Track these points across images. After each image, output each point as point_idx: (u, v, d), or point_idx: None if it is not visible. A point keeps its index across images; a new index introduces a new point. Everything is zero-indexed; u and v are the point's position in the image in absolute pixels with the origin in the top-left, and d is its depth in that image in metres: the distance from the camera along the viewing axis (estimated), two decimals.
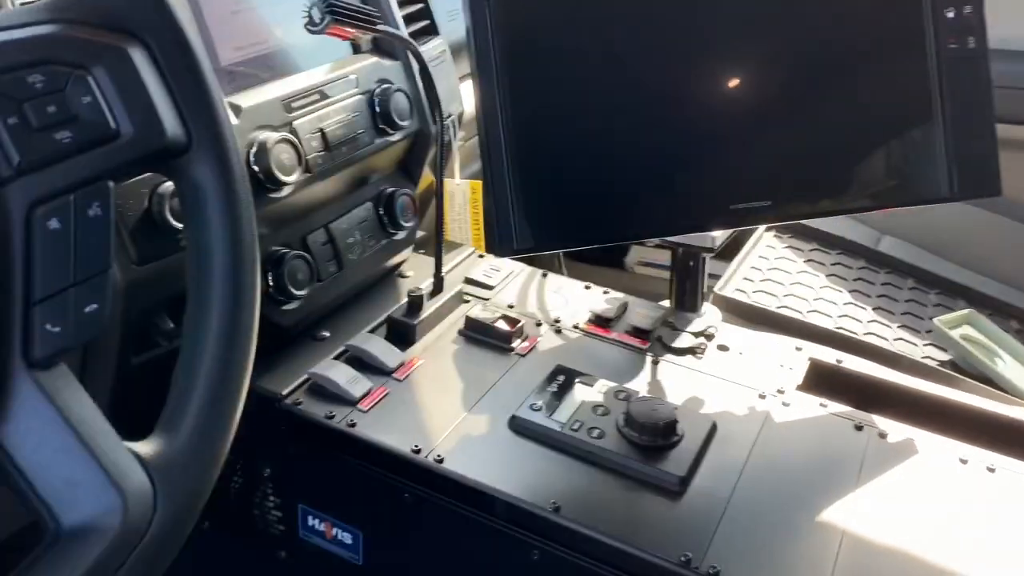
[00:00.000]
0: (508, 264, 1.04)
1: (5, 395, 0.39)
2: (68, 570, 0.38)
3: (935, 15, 0.81)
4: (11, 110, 0.41)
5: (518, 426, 0.77)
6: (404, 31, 0.97)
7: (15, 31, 0.42)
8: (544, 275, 1.02)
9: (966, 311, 1.11)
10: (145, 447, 0.44)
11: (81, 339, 0.42)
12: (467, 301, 0.96)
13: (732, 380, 0.85)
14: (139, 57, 0.45)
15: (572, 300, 0.98)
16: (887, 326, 1.11)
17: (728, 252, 1.22)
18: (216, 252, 0.48)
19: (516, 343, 0.88)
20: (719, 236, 0.93)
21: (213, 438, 0.46)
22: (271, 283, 0.82)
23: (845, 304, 1.14)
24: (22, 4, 0.63)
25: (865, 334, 1.08)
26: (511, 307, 0.96)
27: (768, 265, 1.19)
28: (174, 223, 0.69)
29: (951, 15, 0.81)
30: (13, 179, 0.40)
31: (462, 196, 1.11)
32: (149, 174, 0.68)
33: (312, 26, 0.72)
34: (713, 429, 0.77)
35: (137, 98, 0.45)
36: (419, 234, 1.05)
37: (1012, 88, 1.43)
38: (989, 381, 1.02)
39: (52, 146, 0.42)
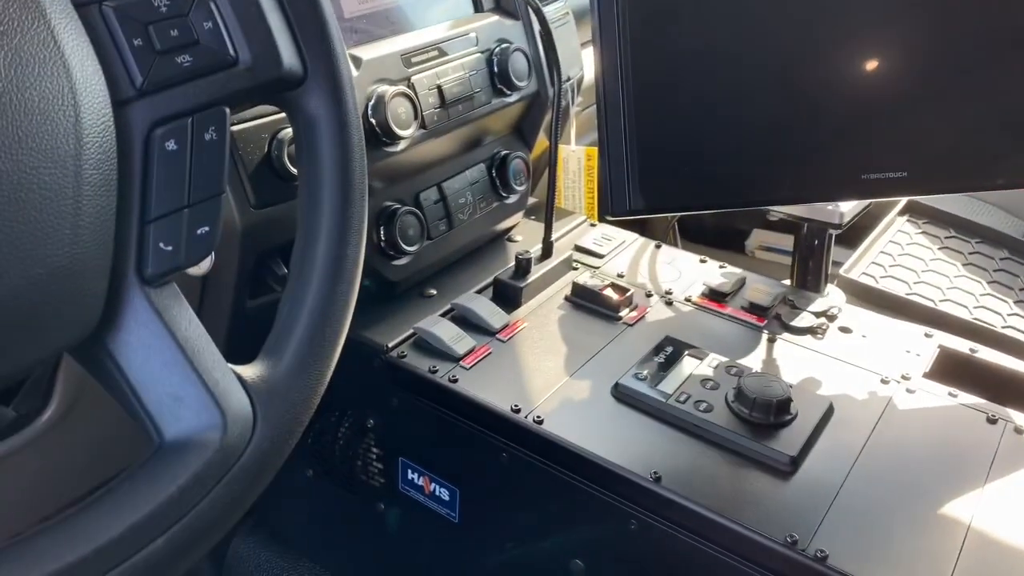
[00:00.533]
0: (620, 234, 1.01)
1: (118, 307, 0.40)
2: (168, 479, 0.39)
3: None
4: (136, 32, 0.42)
5: (621, 394, 0.75)
6: None
7: None
8: (658, 246, 1.00)
9: None
10: (248, 370, 0.44)
11: (192, 260, 0.43)
12: (576, 268, 0.95)
13: (853, 363, 0.80)
14: None
15: (686, 273, 0.94)
16: None
17: (856, 237, 1.16)
18: (326, 186, 0.48)
19: (624, 312, 0.86)
20: (848, 211, 0.88)
21: (313, 368, 0.46)
22: (382, 237, 0.82)
23: (983, 295, 1.06)
24: None
25: (1004, 327, 1.00)
26: (621, 276, 0.93)
27: (899, 251, 1.12)
28: (292, 169, 0.71)
29: None
30: (136, 99, 0.41)
31: (576, 162, 1.09)
32: (271, 117, 0.70)
33: None
34: (830, 411, 0.73)
35: (256, 27, 0.45)
36: (531, 200, 1.04)
37: None
38: None
39: (173, 69, 0.43)
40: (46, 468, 0.69)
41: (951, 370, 0.81)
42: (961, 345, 0.83)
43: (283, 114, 0.51)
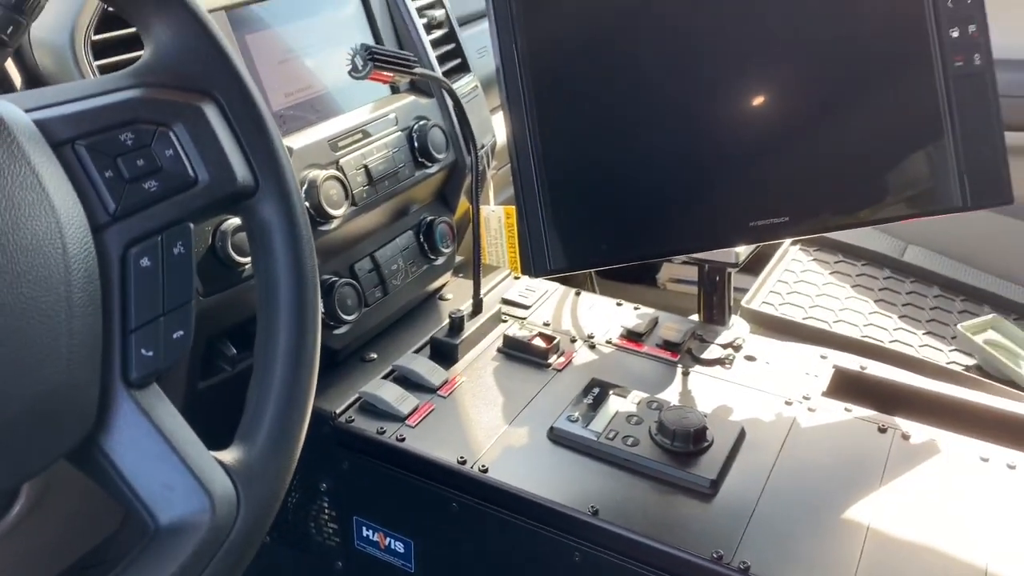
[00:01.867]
0: (543, 284, 1.09)
1: (108, 411, 0.45)
2: (167, 562, 0.44)
3: (940, 35, 0.85)
4: (107, 165, 0.47)
5: (556, 436, 0.82)
6: (438, 70, 1.03)
7: (107, 96, 0.49)
8: (577, 294, 1.08)
9: (990, 316, 1.14)
10: (228, 455, 0.50)
11: (170, 361, 0.48)
12: (505, 321, 1.02)
13: (759, 388, 0.89)
14: (212, 112, 0.52)
15: (605, 317, 1.02)
16: (913, 333, 1.14)
17: (756, 266, 1.26)
18: (282, 282, 0.54)
19: (552, 359, 0.94)
20: (743, 251, 0.98)
21: (285, 447, 0.52)
22: (322, 309, 0.88)
23: (871, 313, 1.17)
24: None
25: (891, 342, 1.11)
26: (547, 325, 1.01)
27: (795, 278, 1.23)
28: (236, 257, 0.76)
29: (955, 34, 0.86)
30: (111, 224, 0.47)
31: (497, 221, 1.17)
32: None
33: (355, 72, 0.78)
34: (742, 435, 0.82)
35: (212, 149, 0.51)
36: (458, 259, 1.11)
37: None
38: (1014, 384, 1.05)
39: (142, 194, 0.48)
40: (19, 556, 0.72)
41: (846, 387, 0.90)
42: (853, 363, 0.93)
43: None
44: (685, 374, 0.92)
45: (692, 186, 0.83)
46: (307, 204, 0.82)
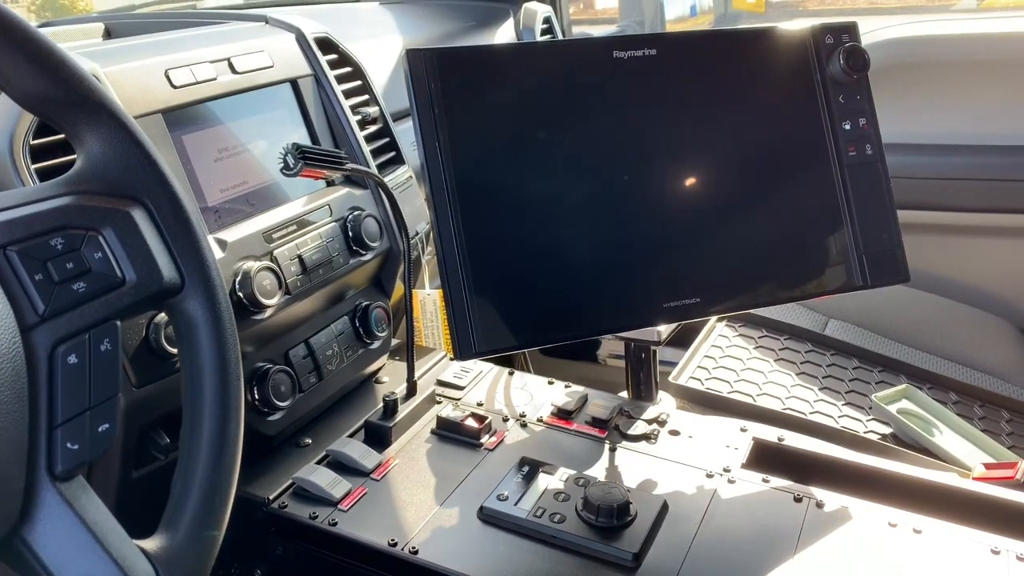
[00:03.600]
0: (477, 365, 1.12)
1: (33, 504, 0.47)
2: None
3: (834, 127, 0.93)
4: (37, 268, 0.50)
5: (486, 516, 0.84)
6: (372, 164, 1.08)
7: (38, 204, 0.52)
8: (511, 373, 1.11)
9: (903, 386, 1.19)
10: (150, 543, 0.51)
11: (95, 454, 0.51)
12: (439, 402, 1.04)
13: (682, 462, 0.93)
14: (140, 216, 0.55)
15: (536, 395, 1.06)
16: (833, 404, 1.19)
17: (685, 340, 1.31)
18: (207, 374, 0.56)
19: (484, 438, 0.96)
20: (664, 330, 1.03)
21: (207, 535, 0.54)
22: (256, 396, 0.90)
23: (793, 386, 1.22)
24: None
25: (812, 413, 1.16)
26: (480, 405, 1.04)
27: (721, 353, 1.28)
28: (169, 349, 0.78)
29: (848, 127, 0.94)
30: (39, 324, 0.49)
31: (432, 305, 1.21)
32: None
33: (287, 171, 0.82)
34: (664, 508, 0.85)
35: (139, 251, 0.54)
36: (394, 342, 1.14)
37: (936, 178, 1.56)
38: (927, 451, 1.10)
39: (71, 295, 0.51)
40: None
41: (764, 458, 0.95)
42: (771, 434, 0.97)
43: None
44: (612, 450, 0.95)
45: (610, 271, 0.88)
46: (240, 295, 0.86)
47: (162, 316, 0.78)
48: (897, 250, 0.94)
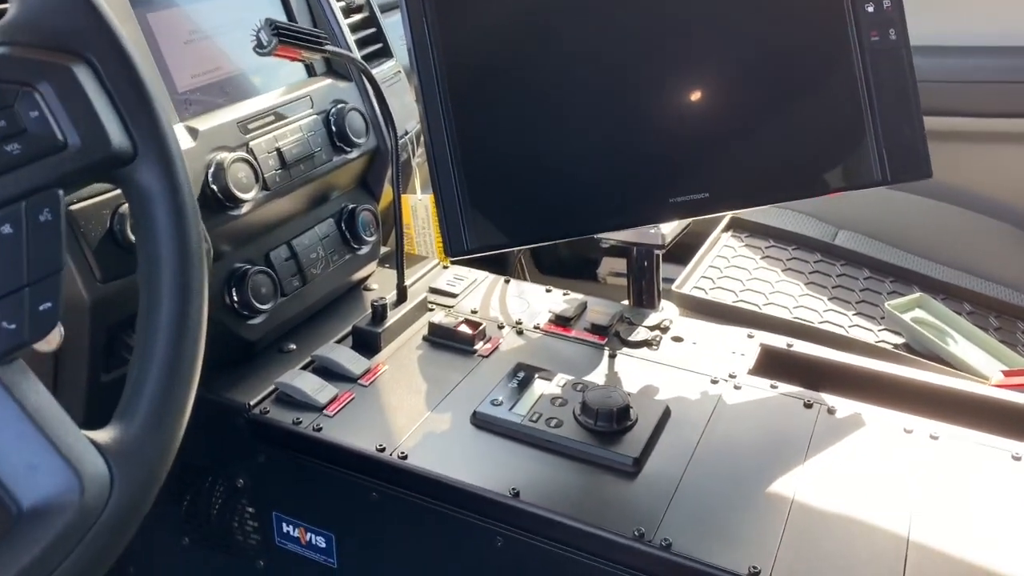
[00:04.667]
0: (472, 273, 1.07)
1: None
2: (28, 546, 0.41)
3: (855, 10, 0.86)
4: None
5: (479, 420, 0.80)
6: (356, 53, 1.01)
7: None
8: (507, 281, 1.06)
9: (917, 295, 1.14)
10: (102, 434, 0.47)
11: (36, 336, 0.45)
12: (431, 309, 0.99)
13: (686, 368, 0.88)
14: (83, 73, 0.49)
15: (533, 303, 1.01)
16: (843, 314, 1.14)
17: (688, 254, 1.26)
18: (164, 251, 0.51)
19: (478, 345, 0.91)
20: (668, 233, 0.97)
21: (166, 425, 0.49)
22: (235, 299, 0.85)
23: (801, 296, 1.17)
24: None
25: (821, 322, 1.11)
26: (474, 312, 0.99)
27: (726, 264, 1.22)
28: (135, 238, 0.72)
29: (871, 9, 0.86)
30: None
31: (424, 210, 1.15)
32: (110, 194, 0.72)
33: (260, 49, 0.76)
34: (666, 414, 0.80)
35: (82, 111, 0.48)
36: (384, 249, 1.09)
37: (960, 82, 1.49)
38: (941, 360, 1.05)
39: (3, 158, 0.45)
40: None
41: (772, 365, 0.90)
42: (779, 341, 0.93)
43: None
44: (612, 356, 0.90)
45: (611, 164, 0.82)
46: (214, 187, 0.80)
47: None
48: (919, 144, 0.87)
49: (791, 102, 0.86)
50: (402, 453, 0.76)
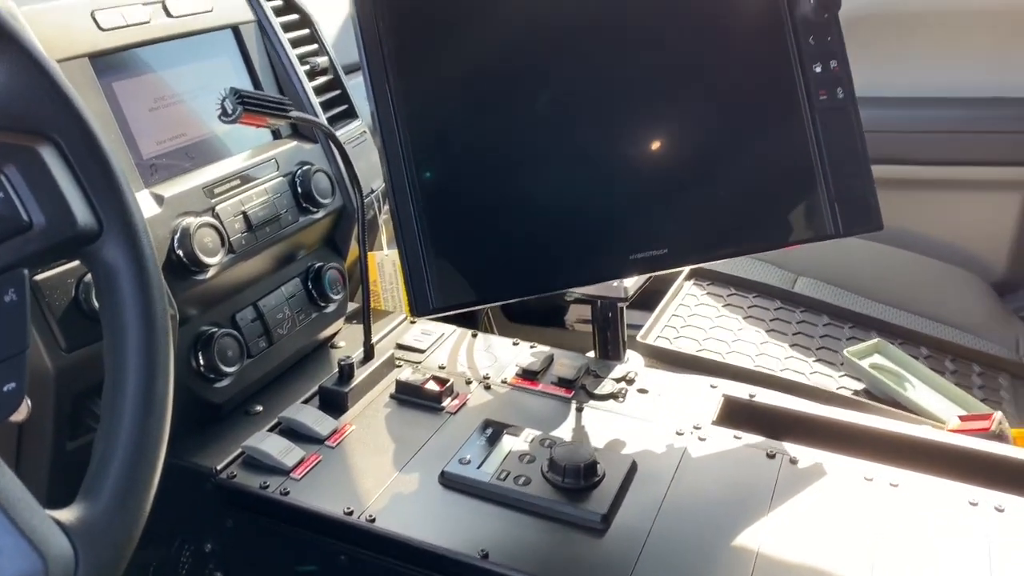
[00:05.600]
0: (439, 328, 1.08)
1: None
2: None
3: (804, 70, 0.89)
4: None
5: (448, 480, 0.80)
6: (322, 116, 1.03)
7: None
8: (474, 335, 1.07)
9: (874, 341, 1.17)
10: (66, 514, 0.46)
11: (2, 416, 0.45)
12: (399, 366, 1.00)
13: (651, 420, 0.89)
14: (48, 153, 0.50)
15: (501, 356, 1.02)
16: (804, 361, 1.17)
17: (652, 302, 1.28)
18: (130, 327, 0.51)
19: (446, 402, 0.92)
20: (631, 286, 0.99)
21: (132, 503, 0.49)
22: (201, 362, 0.85)
23: (763, 343, 1.19)
24: None
25: (782, 370, 1.13)
26: (442, 368, 0.99)
27: (689, 312, 1.24)
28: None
29: (819, 69, 0.90)
30: None
31: (391, 266, 1.16)
32: (75, 264, 0.72)
33: (225, 117, 0.77)
34: (633, 468, 0.81)
35: (48, 192, 0.49)
36: (351, 306, 1.09)
37: (908, 132, 1.54)
38: (900, 405, 1.07)
39: None
40: None
41: (735, 415, 0.91)
42: (742, 391, 0.94)
43: None
44: (579, 410, 0.91)
45: (573, 222, 0.84)
46: (180, 253, 0.80)
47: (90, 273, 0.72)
48: (870, 197, 0.90)
49: (745, 159, 0.88)
50: (370, 516, 0.76)
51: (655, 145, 0.86)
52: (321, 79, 1.06)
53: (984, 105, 1.53)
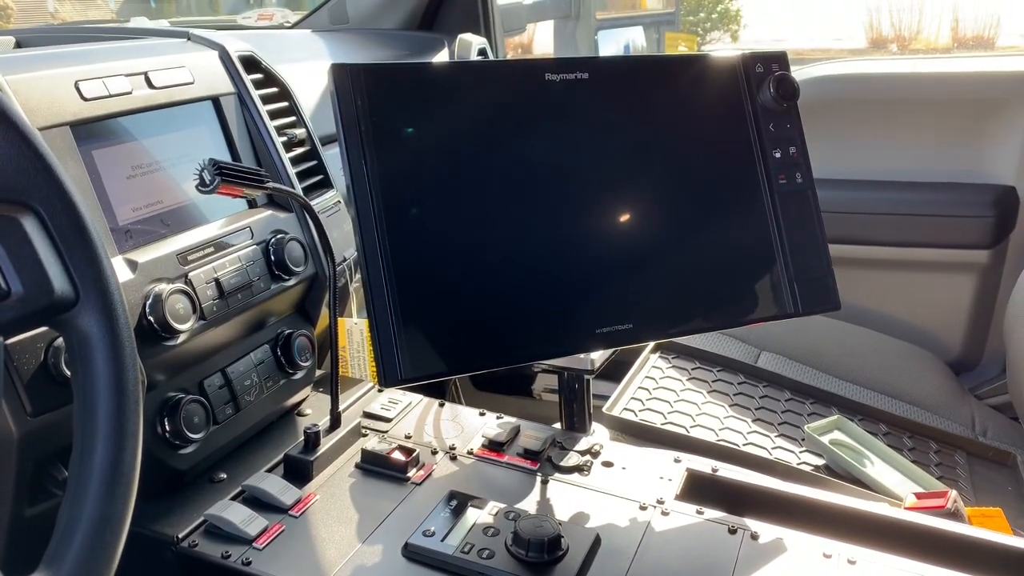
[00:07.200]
0: (406, 396, 1.08)
1: None
2: None
3: (764, 156, 0.93)
4: None
5: (411, 553, 0.80)
6: (298, 186, 1.05)
7: None
8: (441, 404, 1.07)
9: (835, 417, 1.20)
10: None
11: None
12: (365, 434, 1.00)
13: (615, 494, 0.90)
14: (30, 224, 0.51)
15: (467, 427, 1.02)
16: (766, 436, 1.18)
17: (618, 373, 1.30)
18: (101, 396, 0.52)
19: (411, 472, 0.92)
20: (598, 359, 1.01)
21: (96, 571, 0.49)
22: (167, 428, 0.85)
23: (726, 417, 1.21)
24: None
25: (745, 444, 1.15)
26: (408, 437, 1.00)
27: (654, 384, 1.26)
28: (68, 374, 0.72)
29: (778, 155, 0.94)
30: None
31: (359, 334, 1.16)
32: (45, 328, 0.72)
33: (203, 187, 0.78)
34: (597, 542, 0.82)
35: (27, 261, 0.50)
36: (319, 372, 1.10)
37: (854, 213, 1.59)
38: (858, 482, 1.09)
39: None
40: None
41: (698, 490, 0.92)
42: (705, 465, 0.95)
43: None
44: (544, 482, 0.92)
45: (541, 297, 0.85)
46: (151, 319, 0.81)
47: (63, 339, 0.72)
48: (828, 278, 0.94)
49: (709, 239, 0.91)
50: None
51: (622, 223, 0.89)
52: (298, 150, 1.08)
53: (937, 190, 1.60)
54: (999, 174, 1.63)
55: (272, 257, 0.96)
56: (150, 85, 0.90)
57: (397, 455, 0.93)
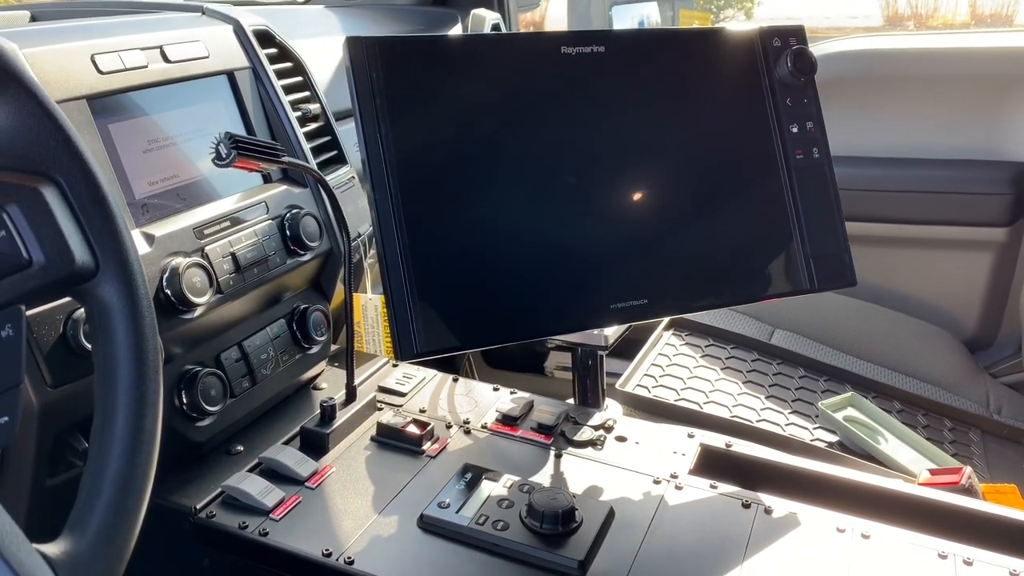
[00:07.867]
0: (420, 371, 1.09)
1: None
2: None
3: (781, 131, 0.92)
4: None
5: (426, 524, 0.81)
6: (312, 161, 1.05)
7: None
8: (455, 379, 1.08)
9: (849, 394, 1.19)
10: (52, 548, 0.47)
11: None
12: (380, 408, 1.01)
13: (629, 468, 0.90)
14: (51, 194, 0.51)
15: (481, 402, 1.03)
16: (779, 412, 1.18)
17: (632, 350, 1.30)
18: (121, 365, 0.52)
19: (426, 445, 0.93)
20: (612, 335, 1.01)
21: (117, 539, 0.49)
22: (184, 400, 0.85)
23: (740, 394, 1.21)
24: None
25: (759, 421, 1.15)
26: (423, 411, 1.00)
27: (667, 361, 1.26)
28: (88, 346, 0.73)
29: (795, 130, 0.93)
30: None
31: (374, 309, 1.17)
32: (65, 300, 0.73)
33: (219, 161, 0.78)
34: (611, 515, 0.82)
35: (48, 231, 0.50)
36: (334, 347, 1.10)
37: (871, 191, 1.58)
38: (872, 458, 1.09)
39: None
40: None
41: (711, 465, 0.93)
42: (719, 441, 0.96)
43: None
44: (558, 456, 0.92)
45: (556, 271, 0.85)
46: (168, 292, 0.81)
47: (82, 311, 0.73)
48: (844, 254, 0.93)
49: (724, 215, 0.91)
50: (348, 558, 0.76)
51: (638, 198, 0.88)
52: (312, 125, 1.08)
53: (954, 167, 1.58)
54: (1017, 151, 1.61)
55: (287, 232, 0.97)
56: (165, 59, 0.90)
57: (412, 428, 0.93)
